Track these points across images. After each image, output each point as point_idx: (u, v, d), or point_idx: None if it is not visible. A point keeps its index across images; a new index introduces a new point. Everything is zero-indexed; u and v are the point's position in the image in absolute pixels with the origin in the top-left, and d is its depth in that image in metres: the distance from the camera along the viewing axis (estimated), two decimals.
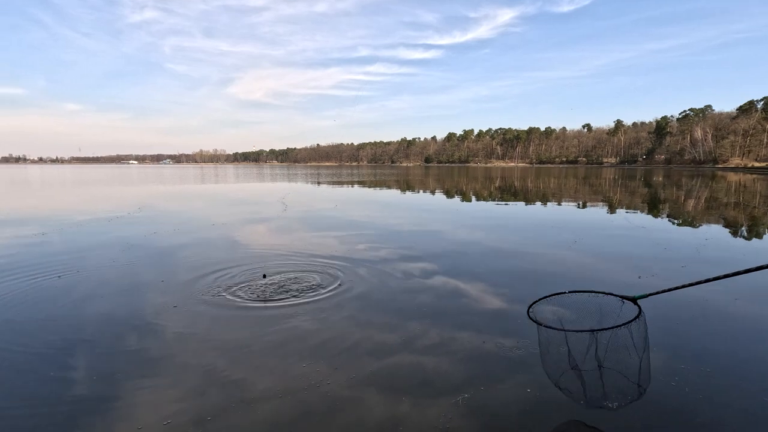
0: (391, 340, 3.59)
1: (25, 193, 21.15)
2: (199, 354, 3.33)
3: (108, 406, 2.63)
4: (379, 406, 2.64)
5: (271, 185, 28.86)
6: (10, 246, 7.40)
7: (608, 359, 2.35)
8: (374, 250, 6.99)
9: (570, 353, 2.39)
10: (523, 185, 28.18)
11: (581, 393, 2.43)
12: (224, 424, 2.45)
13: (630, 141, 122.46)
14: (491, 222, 11.01)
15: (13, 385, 2.87)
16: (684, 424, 2.48)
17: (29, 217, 11.65)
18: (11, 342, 3.56)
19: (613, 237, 8.59)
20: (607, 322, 2.42)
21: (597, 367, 2.37)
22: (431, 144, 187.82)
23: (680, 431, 2.42)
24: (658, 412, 2.58)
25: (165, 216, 11.93)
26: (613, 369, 2.37)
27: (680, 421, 2.51)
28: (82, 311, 4.29)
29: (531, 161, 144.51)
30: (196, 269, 5.79)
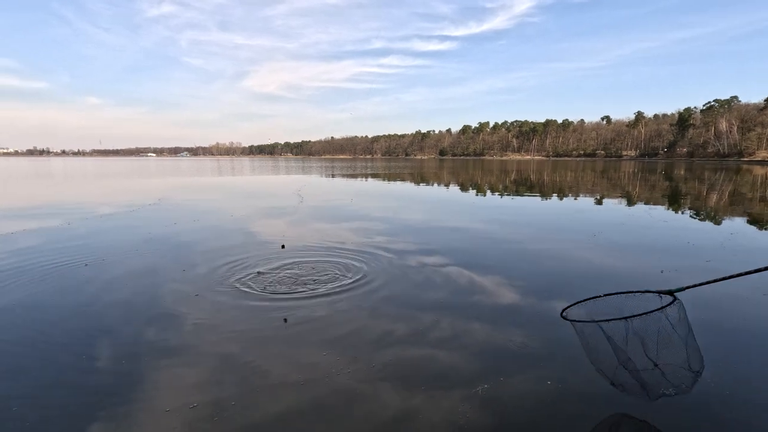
0: (405, 332, 3.61)
1: (50, 185, 21.76)
2: (219, 342, 3.40)
3: (132, 391, 2.72)
4: (393, 397, 2.66)
5: (286, 178, 29.07)
6: (38, 235, 7.64)
7: (655, 351, 2.30)
8: (390, 243, 7.00)
9: (616, 350, 2.35)
10: (540, 178, 27.78)
11: (638, 386, 2.38)
12: (243, 409, 2.51)
13: (651, 133, 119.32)
14: (506, 215, 10.90)
15: (41, 371, 2.98)
16: (721, 424, 2.44)
17: (55, 208, 12.01)
18: (40, 328, 3.70)
19: (634, 231, 8.41)
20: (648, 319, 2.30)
21: (649, 361, 2.31)
22: (446, 137, 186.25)
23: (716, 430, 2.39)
24: (694, 410, 2.54)
25: (184, 207, 12.15)
26: (664, 360, 2.30)
27: (717, 421, 2.47)
28: (107, 298, 4.42)
29: (547, 154, 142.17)
30: (215, 259, 5.89)
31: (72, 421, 2.40)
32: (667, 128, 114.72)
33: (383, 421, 2.43)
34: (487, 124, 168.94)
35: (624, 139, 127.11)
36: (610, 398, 2.65)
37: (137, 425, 2.37)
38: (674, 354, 2.29)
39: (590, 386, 2.79)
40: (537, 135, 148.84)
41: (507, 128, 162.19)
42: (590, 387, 2.78)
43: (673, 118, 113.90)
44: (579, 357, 3.19)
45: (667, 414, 2.48)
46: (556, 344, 3.34)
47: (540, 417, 2.47)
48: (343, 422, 2.42)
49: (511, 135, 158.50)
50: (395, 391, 2.72)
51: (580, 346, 3.32)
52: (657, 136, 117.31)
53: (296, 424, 2.40)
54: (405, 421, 2.42)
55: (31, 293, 4.58)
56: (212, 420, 2.41)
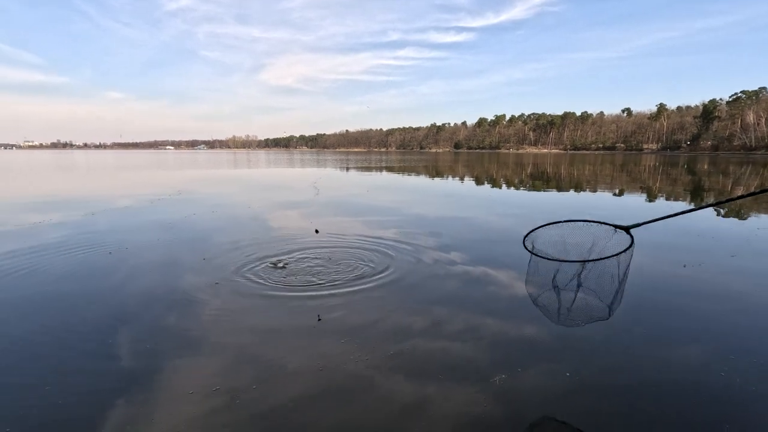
0: (420, 323, 3.64)
1: (74, 178, 22.40)
2: (237, 330, 3.49)
3: (153, 375, 2.82)
4: (407, 386, 2.70)
5: (302, 171, 29.28)
6: (64, 226, 7.90)
7: (589, 281, 2.44)
8: (405, 236, 7.03)
9: (555, 277, 2.49)
10: (557, 172, 27.36)
11: (555, 310, 2.52)
12: (261, 394, 2.59)
13: (673, 126, 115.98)
14: (522, 209, 10.81)
15: (63, 357, 3.11)
16: (738, 418, 2.42)
17: (79, 198, 12.38)
18: (63, 315, 3.86)
19: (655, 225, 8.22)
20: (597, 249, 2.47)
21: (576, 286, 2.45)
22: (461, 129, 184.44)
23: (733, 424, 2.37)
24: (710, 404, 2.53)
25: (203, 199, 12.39)
26: (590, 289, 2.44)
27: (734, 415, 2.45)
28: (130, 286, 4.57)
29: (565, 147, 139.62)
30: (234, 249, 6.01)
31: (96, 404, 2.50)
32: (690, 121, 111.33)
33: (399, 408, 2.47)
34: (504, 116, 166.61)
35: (645, 131, 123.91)
36: (626, 390, 2.65)
37: (160, 407, 2.47)
38: (603, 291, 2.43)
39: (606, 378, 2.79)
40: (555, 128, 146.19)
41: (524, 121, 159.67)
42: (606, 379, 2.78)
43: (697, 110, 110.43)
44: (594, 350, 3.19)
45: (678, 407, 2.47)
46: (571, 337, 3.34)
47: (555, 409, 2.49)
48: (359, 408, 2.48)
49: (527, 128, 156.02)
50: (410, 380, 2.76)
51: (594, 340, 3.32)
52: (680, 129, 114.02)
53: (312, 410, 2.46)
54: (420, 410, 2.46)
55: (56, 282, 4.76)
56: (233, 402, 2.50)
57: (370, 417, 2.40)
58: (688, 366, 2.96)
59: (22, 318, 3.75)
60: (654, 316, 3.84)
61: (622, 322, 3.66)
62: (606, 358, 3.07)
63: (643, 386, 2.70)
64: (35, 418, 2.38)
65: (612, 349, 3.21)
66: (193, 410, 2.44)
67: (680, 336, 3.44)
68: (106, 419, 2.36)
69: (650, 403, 2.52)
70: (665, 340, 3.37)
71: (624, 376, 2.83)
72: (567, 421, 2.37)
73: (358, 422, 2.36)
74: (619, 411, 2.46)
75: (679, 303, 4.15)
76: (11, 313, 3.86)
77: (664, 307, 4.06)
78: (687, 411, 2.46)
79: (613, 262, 2.35)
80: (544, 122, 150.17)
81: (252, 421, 2.35)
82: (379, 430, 2.30)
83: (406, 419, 2.38)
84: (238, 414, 2.40)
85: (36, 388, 2.65)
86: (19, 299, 4.19)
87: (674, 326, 3.62)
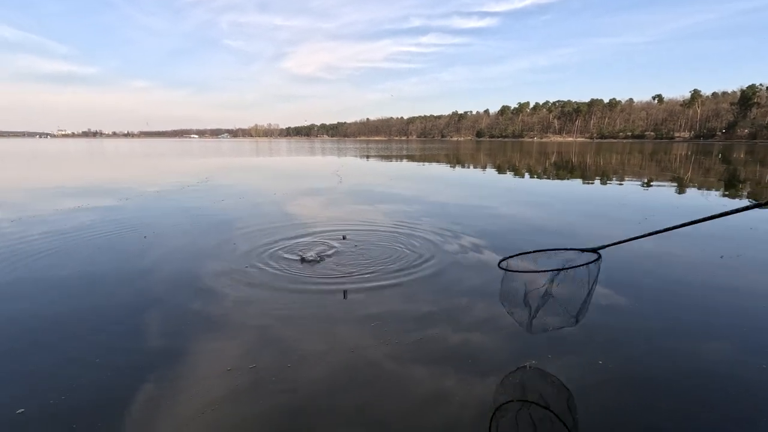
0: (444, 313, 3.68)
1: (107, 165, 23.25)
2: (262, 315, 3.62)
3: (181, 357, 3.00)
4: (427, 374, 2.77)
5: (323, 159, 29.51)
6: (98, 211, 8.28)
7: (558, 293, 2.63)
8: (427, 225, 7.07)
9: (527, 293, 2.67)
10: (582, 161, 26.71)
11: (527, 319, 2.69)
12: (283, 376, 2.73)
13: (708, 113, 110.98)
14: (545, 198, 10.67)
15: (93, 338, 3.31)
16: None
17: (112, 185, 12.89)
18: (94, 298, 4.10)
19: (688, 215, 7.99)
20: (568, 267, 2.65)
21: (545, 294, 2.63)
22: (483, 118, 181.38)
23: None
24: (745, 397, 2.53)
25: (230, 186, 12.72)
26: (559, 299, 2.62)
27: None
28: (163, 269, 4.79)
29: (591, 136, 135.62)
30: (261, 236, 6.18)
31: (124, 382, 2.65)
32: (726, 107, 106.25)
33: (417, 395, 2.55)
34: (527, 104, 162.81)
35: (677, 119, 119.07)
36: (657, 381, 2.67)
37: (189, 386, 2.63)
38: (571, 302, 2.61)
39: (635, 368, 2.81)
40: (581, 115, 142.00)
41: (548, 108, 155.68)
42: (636, 369, 2.81)
43: (734, 96, 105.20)
44: (623, 340, 3.21)
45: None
46: (596, 329, 3.36)
47: (579, 399, 2.54)
48: (381, 394, 2.59)
49: (552, 116, 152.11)
50: (432, 367, 2.81)
51: (617, 330, 3.35)
52: (714, 117, 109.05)
53: (334, 393, 2.57)
54: (440, 399, 2.54)
55: (89, 265, 5.04)
56: (257, 382, 2.64)
57: (394, 403, 2.50)
58: (722, 359, 2.95)
59: (61, 298, 4.02)
60: (688, 307, 3.80)
61: (652, 312, 3.65)
62: (636, 348, 3.08)
63: (675, 377, 2.72)
64: (81, 390, 2.59)
65: (641, 339, 3.22)
66: (221, 389, 2.58)
67: (714, 328, 3.41)
68: (138, 394, 2.54)
69: (682, 394, 2.54)
70: (698, 331, 3.35)
71: (653, 366, 2.85)
72: (594, 411, 2.42)
73: (379, 407, 2.46)
74: (649, 401, 2.49)
75: (714, 295, 4.09)
76: (49, 293, 4.14)
77: (699, 298, 4.01)
78: (721, 403, 2.47)
79: (583, 273, 2.58)
80: (569, 110, 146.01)
81: (275, 401, 2.47)
82: (403, 415, 2.40)
83: (428, 406, 2.47)
84: (262, 393, 2.53)
85: (65, 362, 2.87)
86: (58, 279, 4.48)
87: (708, 319, 3.58)
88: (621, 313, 3.66)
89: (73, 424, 2.24)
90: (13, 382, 2.65)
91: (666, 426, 2.27)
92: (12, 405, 2.39)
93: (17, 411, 2.35)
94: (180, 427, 2.23)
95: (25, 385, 2.61)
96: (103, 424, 2.25)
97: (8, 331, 3.34)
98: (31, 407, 2.39)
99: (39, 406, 2.39)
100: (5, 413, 2.33)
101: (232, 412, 2.35)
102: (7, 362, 2.87)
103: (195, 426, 2.24)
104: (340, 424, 2.27)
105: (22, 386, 2.59)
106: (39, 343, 3.14)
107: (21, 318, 3.57)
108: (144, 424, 2.25)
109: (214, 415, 2.32)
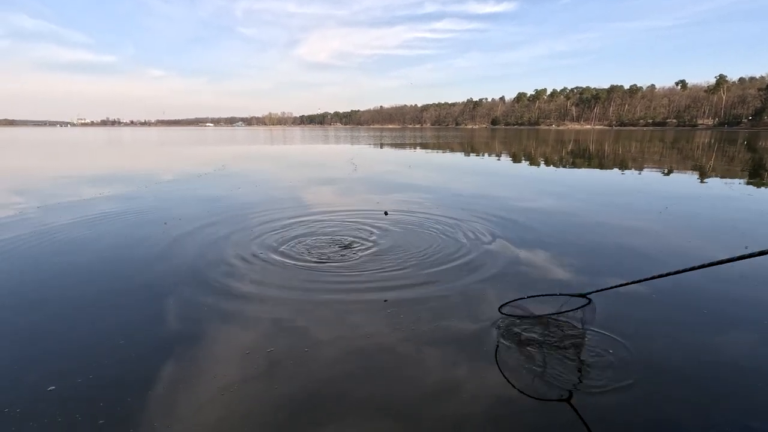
0: (459, 300, 3.70)
1: (126, 153, 23.71)
2: (277, 301, 3.70)
3: (199, 341, 3.08)
4: (439, 362, 2.81)
5: (337, 147, 29.54)
6: (122, 198, 8.48)
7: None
8: (442, 213, 7.05)
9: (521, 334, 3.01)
10: (599, 149, 26.16)
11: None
12: (299, 362, 2.79)
13: (734, 99, 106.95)
14: (563, 188, 10.50)
15: (117, 320, 3.43)
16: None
17: (132, 173, 13.17)
18: (116, 282, 4.22)
19: (711, 205, 7.78)
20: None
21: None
22: (499, 105, 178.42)
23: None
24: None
25: (246, 174, 12.87)
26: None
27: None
28: (181, 255, 4.90)
29: (610, 123, 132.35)
30: (277, 224, 6.26)
31: (147, 362, 2.75)
32: (754, 93, 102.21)
33: (433, 381, 2.60)
34: (544, 91, 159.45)
35: (701, 106, 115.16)
36: (666, 370, 2.66)
37: (208, 366, 2.71)
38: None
39: (648, 358, 2.80)
40: (599, 102, 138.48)
41: (566, 95, 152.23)
42: (648, 359, 2.79)
43: (763, 81, 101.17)
44: (649, 328, 3.18)
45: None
46: (614, 321, 3.34)
47: (579, 393, 2.54)
48: (391, 377, 2.63)
49: (570, 103, 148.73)
50: (447, 357, 2.85)
51: (647, 319, 3.33)
52: (740, 103, 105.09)
53: (347, 378, 2.63)
54: (449, 391, 2.58)
55: (112, 250, 5.19)
56: (273, 365, 2.71)
57: (409, 388, 2.55)
58: (749, 352, 2.91)
59: (85, 282, 4.16)
60: (711, 300, 3.74)
61: (678, 304, 3.61)
62: (664, 338, 3.06)
63: (694, 366, 2.70)
64: (106, 369, 2.69)
65: (667, 328, 3.19)
66: (240, 370, 2.66)
67: (739, 321, 3.35)
68: (160, 374, 2.63)
69: (710, 383, 2.52)
70: (722, 324, 3.30)
71: (682, 356, 2.83)
72: (614, 402, 2.42)
73: (392, 391, 2.51)
74: (678, 388, 2.48)
75: (737, 288, 4.00)
76: (74, 276, 4.29)
77: (722, 291, 3.94)
78: (747, 394, 2.45)
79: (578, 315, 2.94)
80: (588, 96, 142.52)
81: (292, 383, 2.54)
82: (417, 400, 2.44)
83: (441, 395, 2.50)
84: (280, 376, 2.60)
85: (87, 345, 2.99)
86: (82, 264, 4.63)
87: (732, 311, 3.52)
88: (641, 301, 3.62)
89: (100, 402, 2.34)
90: (43, 361, 2.77)
91: (684, 416, 2.26)
92: (43, 383, 2.51)
93: (48, 388, 2.46)
94: (201, 405, 2.32)
95: (54, 364, 2.73)
96: (127, 402, 2.34)
97: (38, 312, 3.49)
98: (61, 384, 2.50)
99: (67, 384, 2.51)
100: (38, 390, 2.45)
101: (250, 393, 2.43)
102: (38, 342, 3.01)
103: (215, 405, 2.32)
104: (355, 407, 2.33)
105: (51, 365, 2.71)
106: (66, 325, 3.27)
107: (49, 299, 3.72)
108: (166, 402, 2.34)
109: (233, 396, 2.40)
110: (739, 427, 2.17)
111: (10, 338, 3.07)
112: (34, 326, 3.25)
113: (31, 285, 4.07)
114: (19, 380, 2.55)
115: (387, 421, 2.23)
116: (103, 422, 2.20)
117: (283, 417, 2.24)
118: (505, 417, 2.25)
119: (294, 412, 2.28)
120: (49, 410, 2.29)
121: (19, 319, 3.36)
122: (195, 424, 2.19)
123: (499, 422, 2.22)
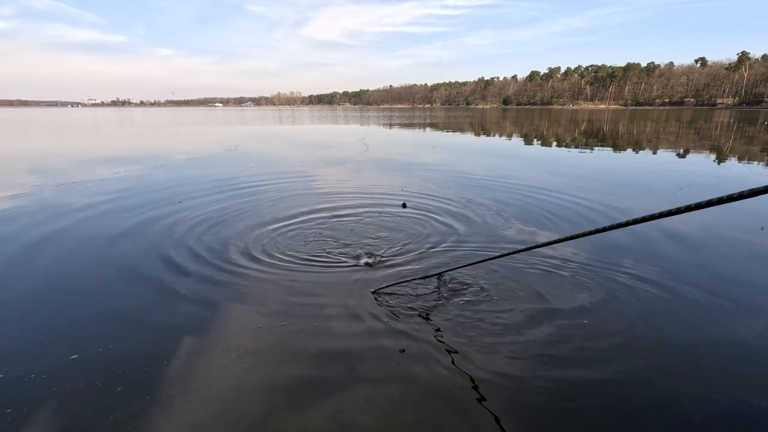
0: (470, 289, 3.70)
1: (137, 133, 23.86)
2: (289, 279, 3.79)
3: (211, 314, 3.20)
4: (450, 358, 2.88)
5: (346, 128, 29.33)
6: (134, 178, 8.61)
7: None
8: (452, 195, 7.05)
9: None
10: (614, 129, 25.60)
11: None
12: (305, 345, 2.89)
13: (756, 77, 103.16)
14: (575, 170, 10.36)
15: (134, 295, 3.56)
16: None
17: (145, 153, 13.31)
18: (133, 258, 4.34)
19: (730, 184, 7.64)
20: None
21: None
22: (511, 84, 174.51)
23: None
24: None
25: (257, 154, 12.93)
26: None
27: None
28: (195, 233, 4.99)
29: (625, 103, 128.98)
30: (289, 203, 6.33)
31: (163, 334, 2.87)
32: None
33: (444, 367, 2.67)
34: (558, 69, 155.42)
35: (721, 84, 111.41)
36: (690, 347, 2.68)
37: (223, 339, 2.81)
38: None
39: (651, 342, 2.83)
40: (615, 81, 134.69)
41: (580, 74, 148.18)
42: (651, 343, 2.82)
43: None
44: (652, 315, 3.21)
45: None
46: (625, 305, 3.35)
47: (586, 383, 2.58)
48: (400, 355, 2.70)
49: (584, 81, 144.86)
50: (457, 348, 2.89)
51: (636, 305, 3.34)
52: (763, 81, 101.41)
53: (355, 352, 2.72)
54: (460, 375, 2.64)
55: (129, 227, 5.31)
56: (286, 338, 2.81)
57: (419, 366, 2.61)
58: (756, 332, 2.92)
59: (103, 258, 4.28)
60: (725, 280, 3.73)
61: (689, 287, 3.61)
62: (668, 324, 3.08)
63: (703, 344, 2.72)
64: (125, 341, 2.81)
65: (676, 310, 3.21)
66: (252, 343, 2.76)
67: (750, 302, 3.34)
68: (176, 345, 2.74)
69: (713, 361, 2.56)
70: (734, 305, 3.30)
71: (688, 334, 2.86)
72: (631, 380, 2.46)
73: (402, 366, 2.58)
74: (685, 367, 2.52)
75: (752, 268, 3.97)
76: (93, 252, 4.42)
77: (736, 272, 3.92)
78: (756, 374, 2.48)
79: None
80: (603, 75, 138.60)
81: (302, 356, 2.64)
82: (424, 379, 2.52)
83: (450, 388, 2.57)
84: (290, 348, 2.71)
85: (106, 319, 3.10)
86: (102, 240, 4.76)
87: (744, 293, 3.51)
88: (658, 286, 3.63)
89: (119, 371, 2.46)
90: (67, 332, 2.90)
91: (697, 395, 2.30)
92: (66, 352, 2.64)
93: (71, 357, 2.59)
94: (214, 375, 2.42)
95: (76, 334, 2.86)
96: (145, 371, 2.46)
97: (62, 286, 3.63)
98: (83, 354, 2.63)
99: (89, 354, 2.63)
100: (62, 358, 2.58)
101: (261, 364, 2.53)
102: (62, 314, 3.14)
103: (228, 375, 2.42)
104: (364, 381, 2.41)
105: (73, 336, 2.84)
106: (88, 298, 3.40)
107: (71, 273, 3.87)
108: (181, 372, 2.45)
109: (245, 367, 2.50)
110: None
111: (37, 311, 3.21)
112: (58, 300, 3.38)
113: (54, 260, 4.20)
114: (45, 350, 2.68)
115: (391, 387, 2.31)
116: (120, 389, 2.31)
117: (293, 386, 2.34)
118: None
119: (303, 383, 2.38)
120: (72, 377, 2.41)
121: (45, 293, 3.50)
122: (208, 393, 2.29)
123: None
